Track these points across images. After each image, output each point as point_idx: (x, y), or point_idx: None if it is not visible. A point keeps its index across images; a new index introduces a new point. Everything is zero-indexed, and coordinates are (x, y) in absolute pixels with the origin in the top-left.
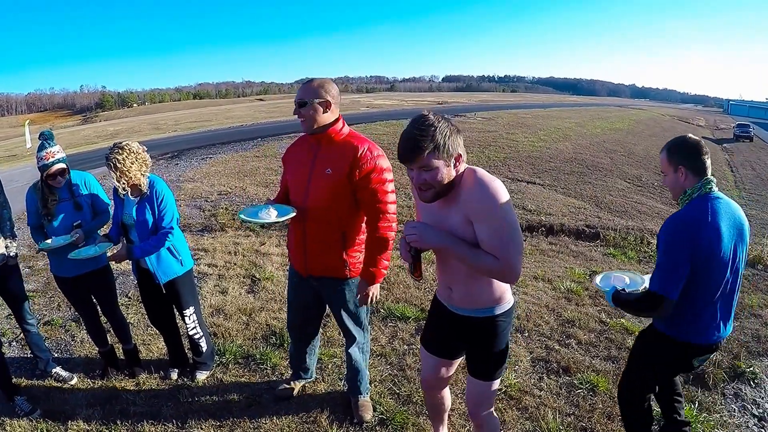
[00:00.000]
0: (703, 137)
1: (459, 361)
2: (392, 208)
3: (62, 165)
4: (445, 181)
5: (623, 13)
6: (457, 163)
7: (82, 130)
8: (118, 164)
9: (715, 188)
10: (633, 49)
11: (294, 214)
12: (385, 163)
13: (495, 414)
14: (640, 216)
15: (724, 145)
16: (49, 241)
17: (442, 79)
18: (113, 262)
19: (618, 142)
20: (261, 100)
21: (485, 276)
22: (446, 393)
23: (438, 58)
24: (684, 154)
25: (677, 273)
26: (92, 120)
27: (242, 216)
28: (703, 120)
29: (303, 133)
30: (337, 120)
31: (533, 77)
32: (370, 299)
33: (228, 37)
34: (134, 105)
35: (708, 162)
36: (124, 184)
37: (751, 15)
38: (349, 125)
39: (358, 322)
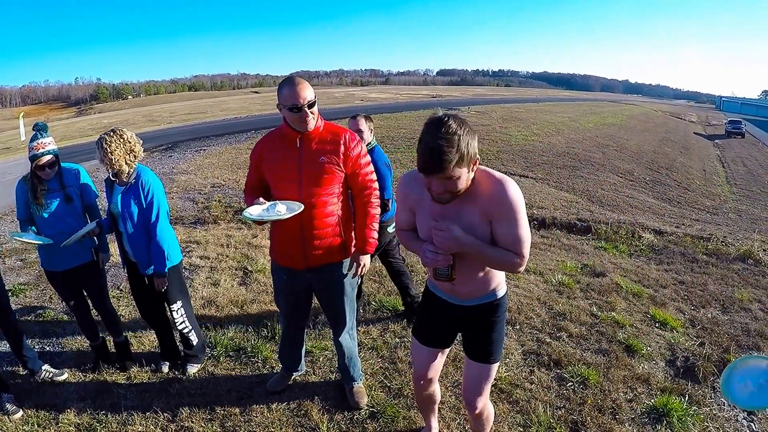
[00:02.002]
0: (695, 133)
1: (448, 352)
2: (376, 184)
3: (52, 156)
4: (465, 187)
5: (618, 9)
6: (474, 167)
7: (77, 122)
8: (104, 144)
9: None
10: (627, 45)
11: (302, 208)
12: (363, 145)
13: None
14: (632, 210)
15: (716, 141)
16: (31, 232)
17: (437, 72)
18: (105, 262)
19: (610, 137)
20: (256, 92)
21: (498, 269)
22: (436, 385)
23: (433, 52)
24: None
25: None
26: (87, 112)
27: (248, 216)
28: (696, 116)
29: (270, 130)
30: None
31: (527, 72)
32: (362, 268)
33: (224, 29)
34: (129, 97)
35: None
36: (107, 165)
37: (745, 13)
38: (345, 119)
39: (352, 304)
